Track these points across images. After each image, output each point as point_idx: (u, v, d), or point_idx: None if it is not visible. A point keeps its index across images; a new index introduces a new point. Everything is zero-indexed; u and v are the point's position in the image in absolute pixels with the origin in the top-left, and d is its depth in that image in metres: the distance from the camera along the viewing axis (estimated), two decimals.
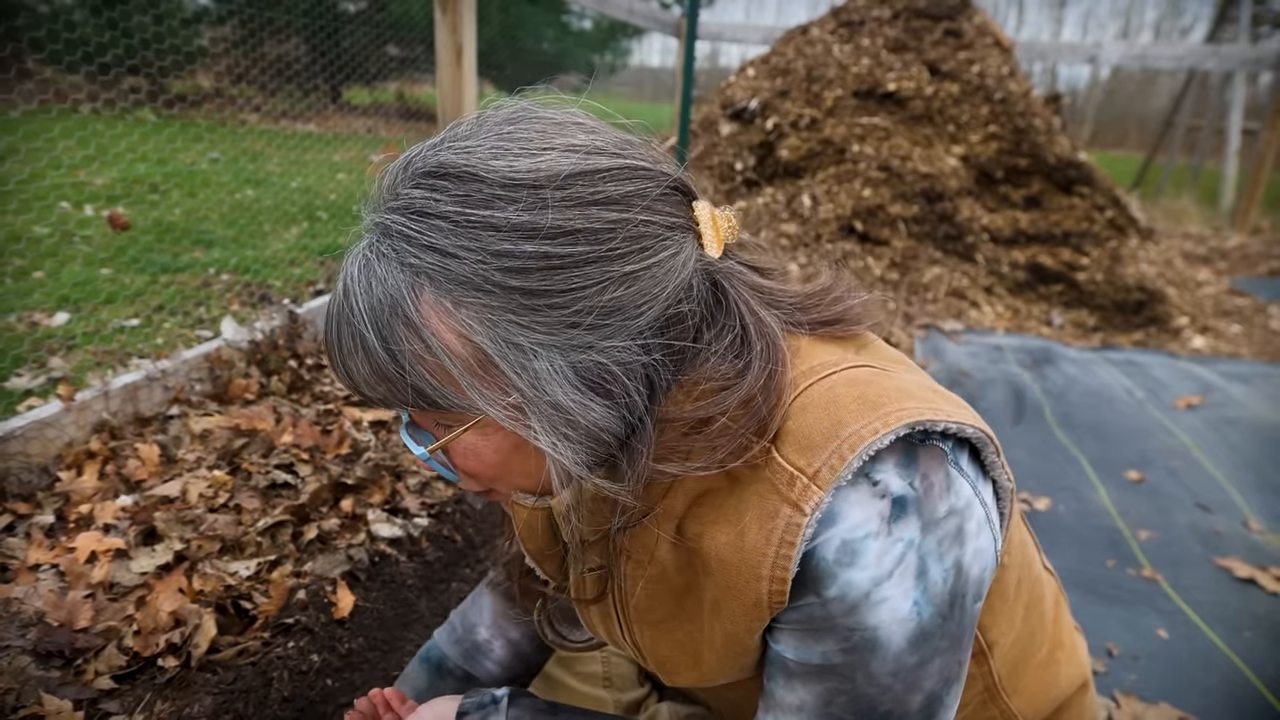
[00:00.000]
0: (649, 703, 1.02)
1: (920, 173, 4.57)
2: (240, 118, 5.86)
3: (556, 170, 0.55)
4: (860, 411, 0.56)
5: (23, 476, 1.55)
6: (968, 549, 0.58)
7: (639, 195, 0.57)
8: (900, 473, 0.56)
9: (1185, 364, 3.50)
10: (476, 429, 0.60)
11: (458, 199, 0.54)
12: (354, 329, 0.56)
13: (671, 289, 0.58)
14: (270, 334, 2.21)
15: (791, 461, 0.56)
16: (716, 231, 0.62)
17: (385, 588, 1.57)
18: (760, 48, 6.32)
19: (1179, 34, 15.53)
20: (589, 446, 0.58)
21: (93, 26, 4.89)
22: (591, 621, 0.76)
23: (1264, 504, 2.22)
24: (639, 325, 0.57)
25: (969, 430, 0.59)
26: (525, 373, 0.55)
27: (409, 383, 0.56)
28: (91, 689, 1.17)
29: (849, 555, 0.55)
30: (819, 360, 0.62)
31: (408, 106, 8.73)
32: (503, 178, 0.54)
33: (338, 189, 4.86)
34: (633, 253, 0.56)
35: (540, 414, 0.56)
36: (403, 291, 0.55)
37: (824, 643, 0.58)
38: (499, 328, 0.54)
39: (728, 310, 0.61)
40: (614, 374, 0.57)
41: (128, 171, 4.23)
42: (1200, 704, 1.45)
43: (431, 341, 0.55)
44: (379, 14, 6.97)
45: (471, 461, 0.62)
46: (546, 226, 0.54)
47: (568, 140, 0.57)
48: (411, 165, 0.58)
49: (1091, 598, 1.75)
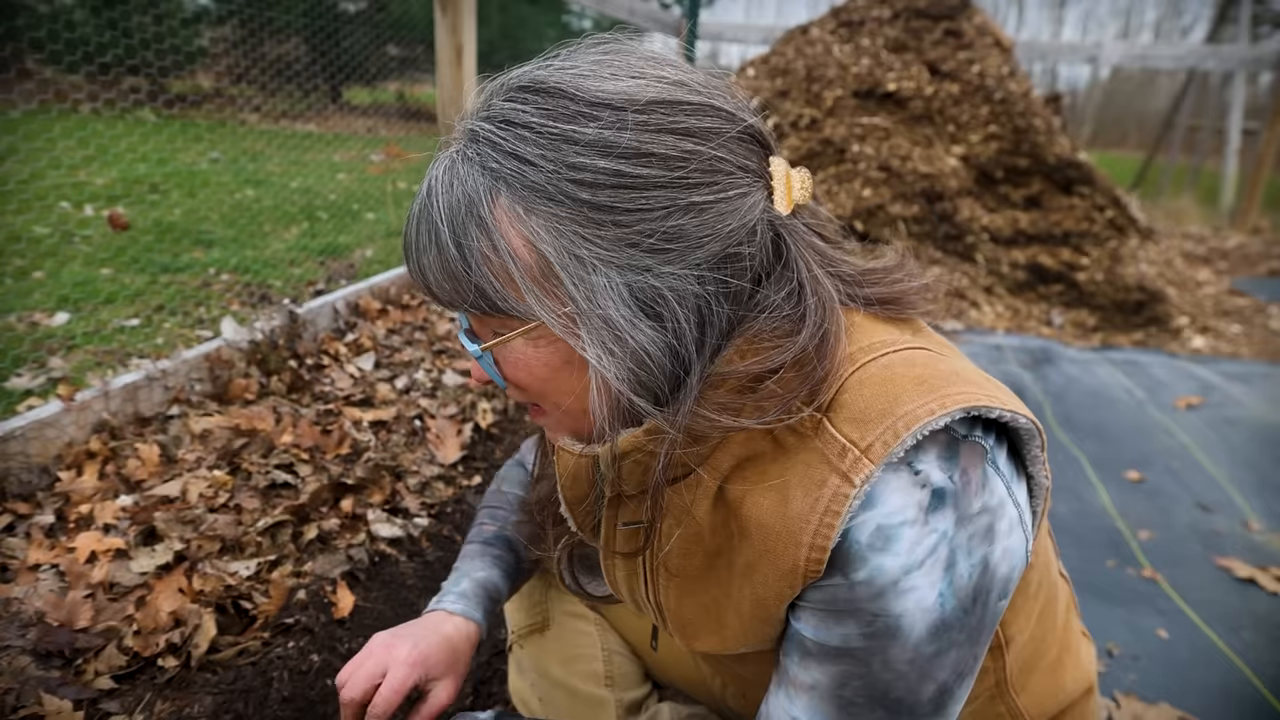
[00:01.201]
0: (650, 702, 1.02)
1: (920, 173, 4.57)
2: (240, 118, 5.86)
3: (640, 95, 0.57)
4: (917, 391, 0.57)
5: (23, 476, 1.55)
6: (997, 547, 0.59)
7: (715, 132, 0.59)
8: (942, 465, 0.56)
9: (1185, 364, 3.50)
10: (528, 339, 0.61)
11: (544, 111, 0.57)
12: (431, 224, 0.59)
13: (735, 227, 0.59)
14: (270, 334, 2.21)
15: (845, 433, 0.57)
16: (789, 189, 0.63)
17: (385, 588, 1.57)
18: (760, 48, 6.33)
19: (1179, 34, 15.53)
20: (631, 368, 0.59)
21: (93, 26, 4.89)
22: (615, 577, 0.75)
23: (1264, 504, 2.22)
24: (698, 257, 0.58)
25: (1022, 420, 0.59)
26: (583, 285, 0.57)
27: (473, 281, 0.59)
28: (91, 689, 1.17)
29: (883, 540, 0.56)
30: (877, 338, 0.62)
31: (408, 106, 8.73)
32: (590, 96, 0.57)
33: (338, 189, 4.86)
34: (701, 185, 0.57)
35: (591, 326, 0.58)
36: (480, 193, 0.57)
37: (845, 625, 0.58)
38: (564, 238, 0.56)
39: (787, 264, 0.61)
40: (666, 299, 0.58)
41: (128, 171, 4.23)
42: (1200, 704, 1.45)
43: (500, 243, 0.57)
44: (379, 14, 6.97)
45: (521, 371, 0.64)
46: (623, 145, 0.56)
47: (658, 71, 0.60)
48: (508, 81, 0.60)
49: (1092, 598, 1.75)
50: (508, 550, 0.96)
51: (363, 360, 2.39)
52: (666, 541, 0.66)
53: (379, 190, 5.10)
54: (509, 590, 0.95)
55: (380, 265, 3.44)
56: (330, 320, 2.54)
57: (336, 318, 2.57)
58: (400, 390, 2.29)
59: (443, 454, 2.03)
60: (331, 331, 2.51)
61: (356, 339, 2.50)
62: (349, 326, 2.58)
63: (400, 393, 2.27)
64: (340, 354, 2.38)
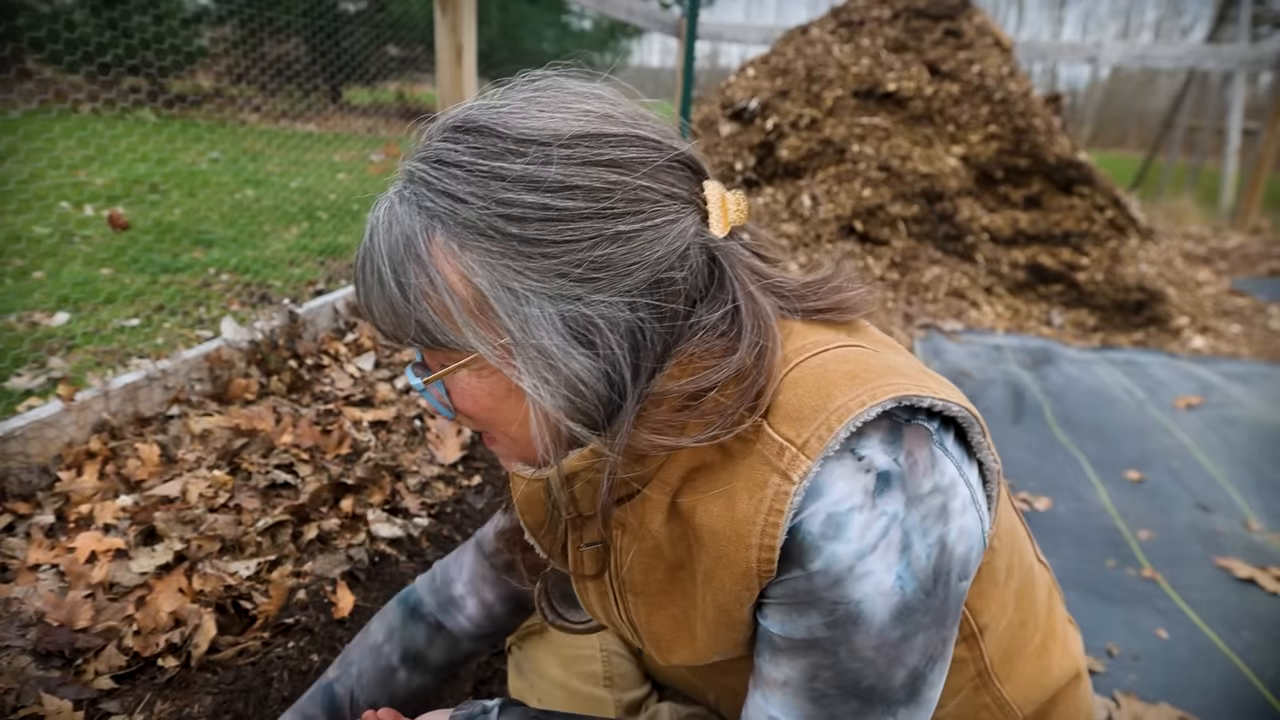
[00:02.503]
0: (649, 702, 1.02)
1: (920, 173, 4.57)
2: (240, 118, 5.86)
3: (565, 130, 0.59)
4: (849, 386, 0.58)
5: (23, 476, 1.55)
6: (952, 526, 0.59)
7: (641, 162, 0.61)
8: (885, 449, 0.58)
9: (1185, 364, 3.50)
10: (473, 370, 0.64)
11: (474, 150, 0.59)
12: (374, 263, 0.62)
13: (663, 254, 0.60)
14: (270, 334, 2.21)
15: (781, 433, 0.58)
16: (724, 212, 0.65)
17: (385, 588, 1.57)
18: (760, 48, 6.33)
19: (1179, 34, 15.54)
20: (567, 395, 0.61)
21: (93, 26, 4.89)
22: (589, 600, 0.76)
23: (1264, 504, 2.22)
24: (627, 284, 0.60)
25: (954, 409, 0.60)
26: (516, 316, 0.59)
27: (414, 317, 0.61)
28: (91, 689, 1.17)
29: (833, 528, 0.56)
30: (810, 339, 0.64)
31: (408, 106, 8.74)
32: (517, 133, 0.59)
33: (338, 189, 4.86)
34: (627, 214, 0.59)
35: (526, 356, 0.60)
36: (417, 231, 0.60)
37: (808, 617, 0.59)
38: (496, 271, 0.59)
39: (722, 286, 0.63)
40: (598, 326, 0.60)
41: (128, 171, 4.23)
42: (1200, 704, 1.45)
43: (437, 280, 0.60)
44: (379, 14, 6.97)
45: (468, 401, 0.66)
46: (548, 180, 0.58)
47: (584, 106, 0.62)
48: (445, 121, 0.63)
49: (1091, 598, 1.75)
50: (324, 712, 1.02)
51: (363, 360, 2.39)
52: (627, 558, 0.67)
53: (379, 190, 5.09)
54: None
55: None
56: (330, 320, 2.54)
57: (336, 317, 2.57)
58: (400, 390, 2.29)
59: (443, 454, 2.03)
60: (331, 331, 2.51)
61: (356, 339, 2.50)
62: (349, 326, 2.58)
63: (400, 393, 2.27)
64: (340, 354, 2.38)
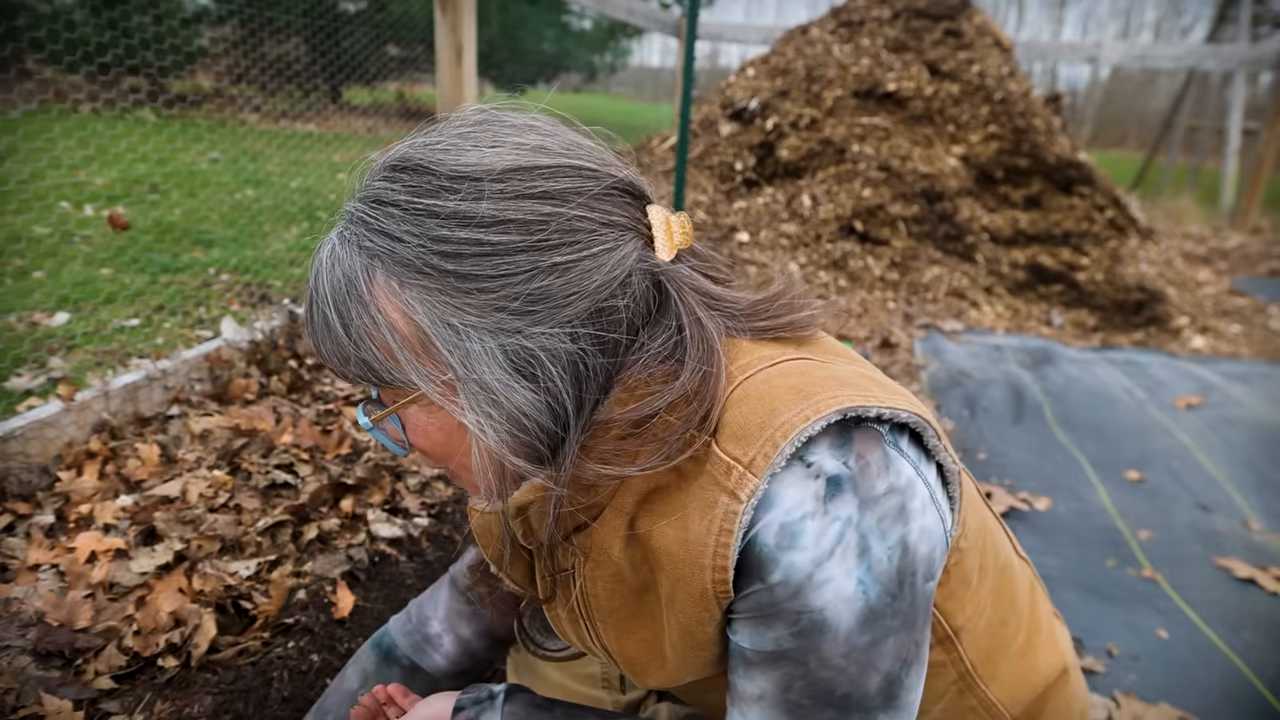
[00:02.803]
0: (648, 703, 1.02)
1: (920, 173, 4.57)
2: (240, 118, 5.87)
3: (496, 165, 0.59)
4: (793, 401, 0.58)
5: (23, 476, 1.55)
6: (913, 527, 0.59)
7: (576, 192, 0.60)
8: (834, 453, 0.57)
9: (1185, 364, 3.50)
10: (423, 406, 0.64)
11: (410, 189, 0.59)
12: (319, 306, 0.62)
13: (601, 282, 0.60)
14: (270, 334, 2.21)
15: (728, 452, 0.58)
16: (669, 235, 0.64)
17: (385, 588, 1.57)
18: (760, 48, 6.33)
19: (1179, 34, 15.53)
20: (510, 429, 0.61)
21: (93, 26, 4.89)
22: (563, 627, 0.76)
23: (1264, 504, 2.22)
24: (566, 315, 0.60)
25: (902, 415, 0.60)
26: (458, 351, 0.59)
27: (360, 356, 0.61)
28: (91, 689, 1.17)
29: (788, 538, 0.56)
30: (755, 355, 0.64)
31: (408, 106, 8.74)
32: (449, 170, 0.59)
33: (338, 189, 4.86)
34: (562, 245, 0.59)
35: (468, 392, 0.60)
36: (358, 272, 0.60)
37: (775, 628, 0.58)
38: (436, 308, 0.59)
39: (667, 311, 0.63)
40: (539, 359, 0.60)
41: (128, 171, 4.23)
42: (1200, 704, 1.45)
43: (379, 318, 0.60)
44: (379, 14, 6.98)
45: (420, 437, 0.66)
46: (481, 215, 0.58)
47: (517, 139, 0.61)
48: (383, 160, 0.63)
49: (1091, 598, 1.75)
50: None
51: None
52: (593, 585, 0.67)
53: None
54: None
55: None
56: None
57: None
58: None
59: None
60: None
61: None
62: None
63: None
64: None
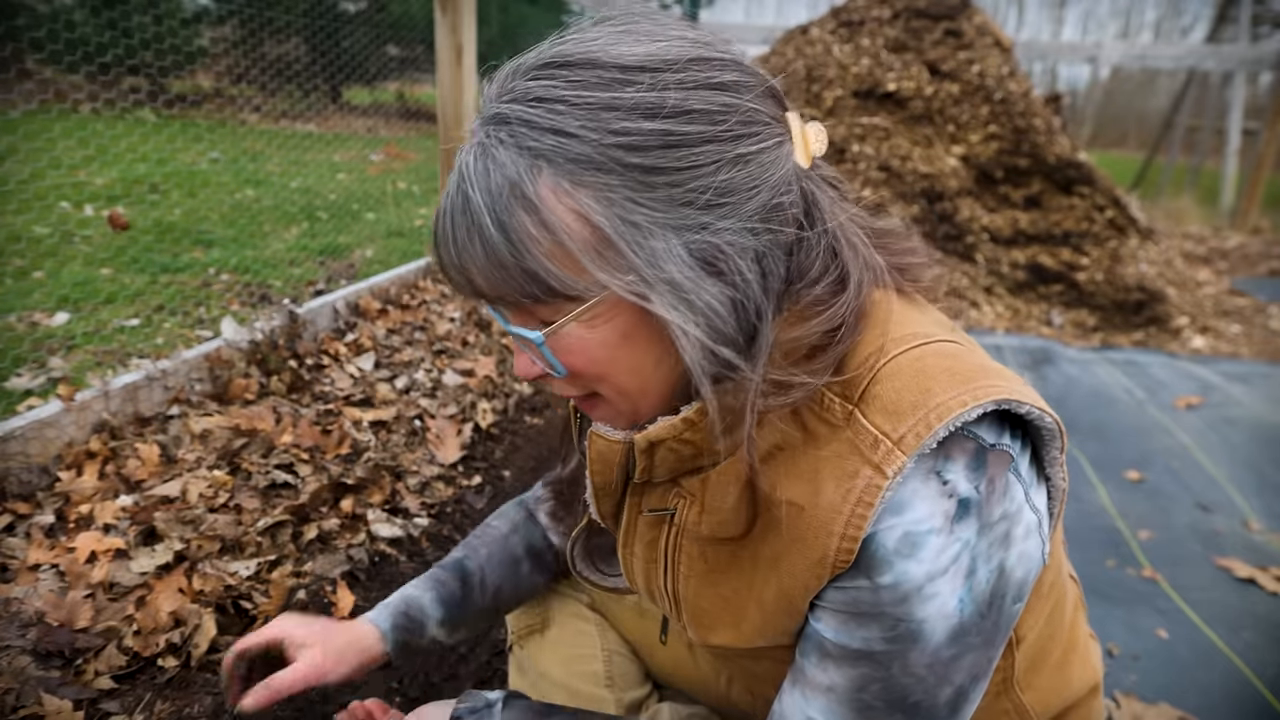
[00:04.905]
0: (650, 703, 1.02)
1: (920, 173, 4.57)
2: (240, 118, 5.86)
3: (674, 54, 0.56)
4: (950, 383, 0.57)
5: (23, 476, 1.55)
6: (1013, 552, 0.59)
7: (746, 86, 0.59)
8: (969, 475, 0.57)
9: (1185, 364, 3.50)
10: (583, 322, 0.59)
11: (576, 83, 0.55)
12: (470, 217, 0.56)
13: (779, 176, 0.59)
14: (270, 334, 2.21)
15: (877, 425, 0.57)
16: (805, 143, 0.63)
17: (385, 588, 1.57)
18: (760, 48, 6.33)
19: (1179, 34, 15.53)
20: (706, 325, 0.58)
21: (93, 26, 4.89)
22: (631, 566, 0.75)
23: (1264, 504, 2.22)
24: (749, 209, 0.58)
25: (1048, 420, 0.60)
26: (642, 251, 0.56)
27: (524, 266, 0.56)
28: (91, 689, 1.17)
29: (909, 546, 0.56)
30: (909, 330, 0.62)
31: (408, 106, 8.74)
32: (622, 62, 0.56)
33: (338, 189, 4.86)
34: (745, 136, 0.57)
35: (658, 291, 0.56)
36: (521, 174, 0.55)
37: (868, 629, 0.59)
38: (616, 206, 0.55)
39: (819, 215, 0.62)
40: (726, 254, 0.57)
41: (128, 171, 4.23)
42: (1200, 704, 1.45)
43: (551, 219, 0.55)
44: (379, 14, 6.97)
45: (578, 357, 0.61)
46: (667, 105, 0.55)
47: (678, 32, 0.59)
48: (523, 65, 0.58)
49: (1092, 598, 1.75)
50: (455, 578, 0.96)
51: (363, 360, 2.39)
52: (693, 529, 0.66)
53: (379, 190, 5.10)
54: (443, 615, 0.95)
55: (380, 265, 3.44)
56: (330, 320, 2.54)
57: (336, 318, 2.57)
58: (400, 390, 2.29)
59: (443, 454, 2.03)
60: (331, 331, 2.51)
61: (356, 339, 2.50)
62: (349, 326, 2.58)
63: (400, 393, 2.27)
64: (340, 354, 2.38)
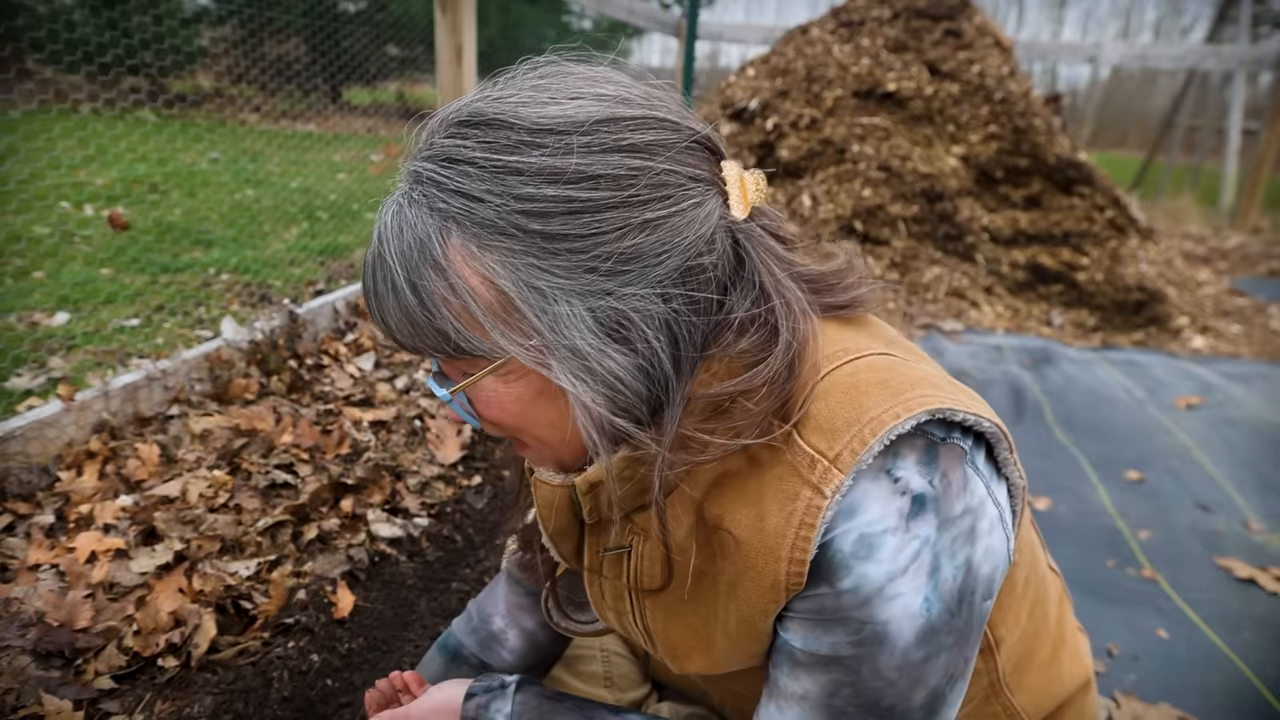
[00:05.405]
0: (649, 702, 1.02)
1: (920, 173, 4.57)
2: (240, 118, 5.86)
3: (582, 117, 0.56)
4: (882, 397, 0.57)
5: (23, 476, 1.55)
6: (979, 547, 0.59)
7: (662, 145, 0.58)
8: (921, 470, 0.57)
9: (1185, 364, 3.50)
10: (498, 376, 0.60)
11: (485, 145, 0.56)
12: (386, 272, 0.58)
13: (692, 239, 0.58)
14: (270, 334, 2.21)
15: (813, 444, 0.57)
16: (744, 193, 0.62)
17: (385, 588, 1.57)
18: (760, 48, 6.33)
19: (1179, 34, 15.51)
20: (605, 393, 0.58)
21: (93, 26, 4.89)
22: (602, 605, 0.75)
23: (1264, 504, 2.22)
24: (658, 274, 0.57)
25: (985, 424, 0.59)
26: (545, 316, 0.56)
27: (435, 325, 0.58)
28: (91, 689, 1.17)
29: (866, 549, 0.56)
30: (840, 345, 0.62)
31: (408, 106, 8.73)
32: (530, 124, 0.56)
33: (338, 189, 4.86)
34: (654, 200, 0.56)
35: (559, 357, 0.57)
36: (431, 235, 0.56)
37: (834, 634, 0.58)
38: (520, 271, 0.55)
39: (749, 270, 0.61)
40: (632, 321, 0.57)
41: (128, 171, 4.23)
42: (1200, 704, 1.45)
43: (457, 284, 0.56)
44: (379, 14, 6.97)
45: (494, 409, 0.63)
46: (570, 171, 0.54)
47: (596, 90, 0.59)
48: (446, 117, 0.59)
49: (1091, 598, 1.75)
50: None
51: (363, 360, 2.39)
52: (650, 565, 0.66)
53: (379, 190, 5.08)
54: None
55: None
56: (330, 320, 2.54)
57: (336, 318, 2.57)
58: (400, 390, 2.29)
59: (443, 454, 2.03)
60: (331, 331, 2.51)
61: (356, 339, 2.50)
62: (349, 326, 2.58)
63: (400, 393, 2.27)
64: (340, 354, 2.38)
